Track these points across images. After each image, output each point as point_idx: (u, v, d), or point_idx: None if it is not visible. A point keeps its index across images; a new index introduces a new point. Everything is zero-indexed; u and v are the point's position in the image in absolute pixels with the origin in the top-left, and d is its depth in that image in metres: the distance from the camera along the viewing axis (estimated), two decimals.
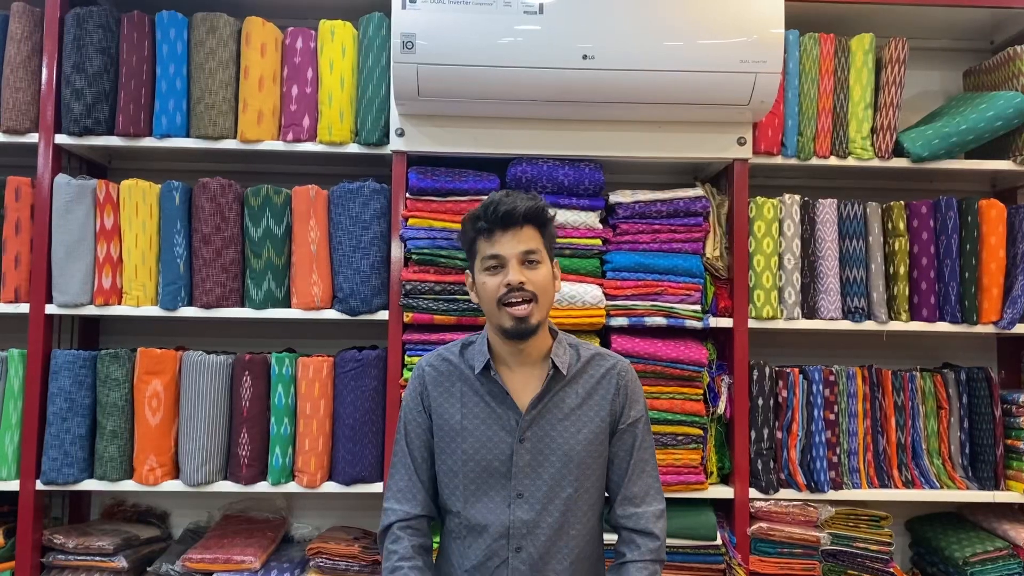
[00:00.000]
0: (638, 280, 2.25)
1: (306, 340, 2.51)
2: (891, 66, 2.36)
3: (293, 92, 2.29)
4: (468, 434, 1.58)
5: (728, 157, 2.30)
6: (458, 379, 1.62)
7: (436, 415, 1.62)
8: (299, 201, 2.26)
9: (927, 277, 2.35)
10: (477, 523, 1.56)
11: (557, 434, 1.58)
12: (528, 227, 1.54)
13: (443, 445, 1.61)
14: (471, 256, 1.60)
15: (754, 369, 2.31)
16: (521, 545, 1.55)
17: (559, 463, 1.56)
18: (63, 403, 2.17)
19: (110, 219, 2.24)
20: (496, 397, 1.59)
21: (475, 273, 1.59)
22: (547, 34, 2.01)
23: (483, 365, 1.59)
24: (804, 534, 2.23)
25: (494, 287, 1.52)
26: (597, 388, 1.62)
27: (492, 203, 1.53)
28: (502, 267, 1.53)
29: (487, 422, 1.58)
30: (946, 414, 2.40)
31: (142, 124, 2.26)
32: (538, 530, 1.55)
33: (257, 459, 2.22)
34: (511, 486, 1.56)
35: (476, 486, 1.57)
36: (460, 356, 1.65)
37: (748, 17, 2.05)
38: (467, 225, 1.59)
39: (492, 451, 1.57)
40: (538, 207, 1.55)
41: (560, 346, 1.62)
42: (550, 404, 1.59)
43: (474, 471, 1.57)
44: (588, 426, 1.59)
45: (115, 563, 2.20)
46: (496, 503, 1.57)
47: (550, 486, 1.56)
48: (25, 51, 2.25)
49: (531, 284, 1.52)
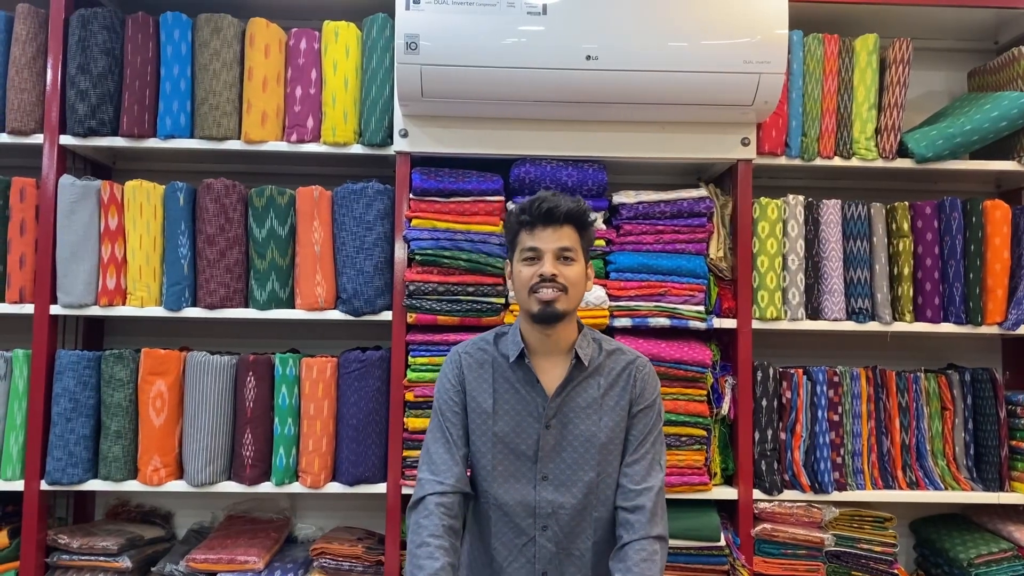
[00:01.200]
0: (642, 281, 2.25)
1: (310, 341, 2.52)
2: (895, 66, 2.36)
3: (297, 93, 2.29)
4: (499, 418, 1.68)
5: (732, 158, 2.30)
6: (491, 366, 1.71)
7: (470, 398, 1.70)
8: (303, 202, 2.27)
9: (931, 278, 2.34)
10: (505, 502, 1.66)
11: (580, 421, 1.67)
12: (568, 226, 1.63)
13: (475, 427, 1.69)
14: (512, 247, 1.69)
15: (758, 370, 2.30)
16: (547, 524, 1.65)
17: (581, 448, 1.66)
18: (67, 403, 2.18)
19: (114, 220, 2.24)
20: (526, 384, 1.68)
21: (514, 263, 1.68)
22: (551, 35, 2.02)
23: (517, 353, 1.68)
24: (808, 535, 2.23)
25: (528, 276, 1.62)
26: (618, 380, 1.70)
27: (538, 199, 1.63)
28: (538, 259, 1.62)
29: (516, 408, 1.68)
30: (950, 415, 2.39)
31: (146, 125, 2.26)
32: (562, 511, 1.65)
33: (261, 459, 2.22)
34: (537, 468, 1.66)
35: (504, 467, 1.67)
36: (494, 345, 1.74)
37: (752, 18, 2.05)
38: (512, 217, 1.68)
39: (520, 435, 1.67)
40: (580, 209, 1.65)
41: (584, 339, 1.71)
42: (573, 393, 1.68)
43: (503, 452, 1.67)
44: (609, 415, 1.68)
45: (119, 563, 2.20)
46: (523, 484, 1.66)
47: (573, 469, 1.66)
48: (30, 52, 2.25)
49: (563, 277, 1.61)
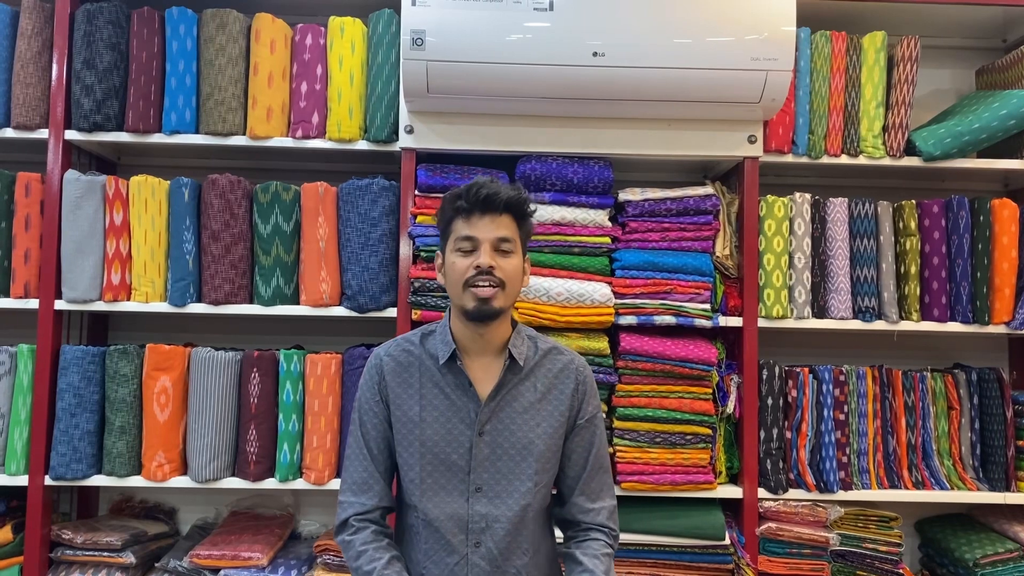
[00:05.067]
0: (647, 278, 2.25)
1: (314, 337, 2.51)
2: (903, 64, 2.34)
3: (302, 88, 2.29)
4: (427, 426, 1.54)
5: (738, 155, 2.29)
6: (417, 369, 1.58)
7: (394, 406, 1.57)
8: (308, 198, 2.26)
9: (938, 277, 2.33)
10: (434, 517, 1.53)
11: (516, 427, 1.55)
12: (507, 215, 1.52)
13: (400, 437, 1.57)
14: (445, 236, 1.56)
15: (764, 368, 2.29)
16: (480, 540, 1.52)
17: (518, 456, 1.54)
18: (72, 399, 2.18)
19: (119, 215, 2.24)
20: (456, 388, 1.56)
21: (446, 253, 1.55)
22: (557, 31, 2.01)
23: (448, 355, 1.55)
24: (813, 534, 2.22)
25: (463, 268, 1.50)
26: (555, 383, 1.59)
27: (475, 185, 1.51)
28: (475, 250, 1.50)
29: (446, 414, 1.55)
30: (957, 415, 2.38)
31: (151, 120, 2.26)
32: (497, 524, 1.52)
33: (265, 456, 2.22)
34: (470, 480, 1.53)
35: (433, 479, 1.54)
36: (420, 346, 1.60)
37: (759, 15, 2.04)
38: (446, 204, 1.55)
39: (451, 444, 1.54)
40: (520, 198, 1.54)
41: (519, 337, 1.59)
42: (508, 397, 1.56)
43: (432, 464, 1.54)
44: (547, 420, 1.56)
45: (123, 559, 2.21)
46: (454, 497, 1.53)
47: (509, 480, 1.54)
48: (36, 47, 2.25)
49: (500, 271, 1.49)
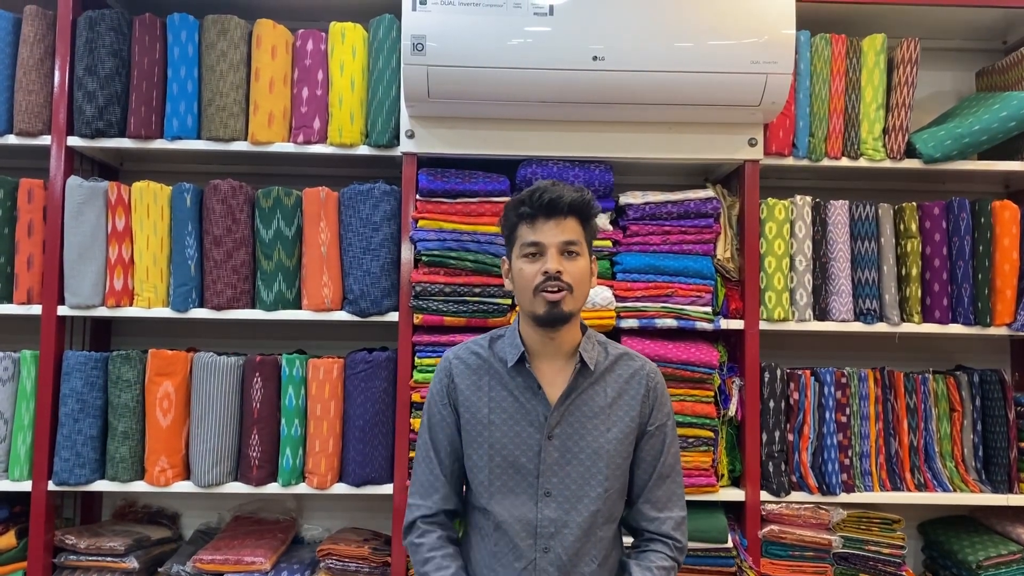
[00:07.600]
0: (648, 282, 2.25)
1: (316, 342, 2.52)
2: (903, 67, 2.35)
3: (304, 94, 2.29)
4: (495, 428, 1.55)
5: (739, 158, 2.29)
6: (486, 373, 1.59)
7: (463, 408, 1.58)
8: (310, 203, 2.27)
9: (940, 279, 2.33)
10: (504, 520, 1.52)
11: (587, 431, 1.54)
12: (571, 218, 1.51)
13: (469, 439, 1.57)
14: (510, 242, 1.56)
15: (765, 371, 2.30)
16: (549, 546, 1.51)
17: (588, 461, 1.53)
18: (75, 404, 2.18)
19: (122, 221, 2.25)
20: (526, 391, 1.56)
21: (512, 260, 1.55)
22: (557, 35, 2.01)
23: (517, 358, 1.55)
24: (816, 537, 2.22)
25: (531, 274, 1.49)
26: (627, 388, 1.59)
27: (538, 190, 1.50)
28: (541, 255, 1.50)
29: (515, 417, 1.55)
30: (959, 416, 2.38)
31: (153, 126, 2.27)
32: (566, 530, 1.51)
33: (267, 460, 2.23)
34: (539, 484, 1.52)
35: (502, 482, 1.54)
36: (489, 349, 1.61)
37: (759, 18, 2.04)
38: (510, 210, 1.55)
39: (520, 447, 1.53)
40: (584, 199, 1.53)
41: (589, 341, 1.59)
42: (578, 401, 1.56)
43: (500, 466, 1.54)
44: (618, 425, 1.56)
45: (126, 564, 2.21)
46: (523, 500, 1.52)
47: (579, 484, 1.52)
48: (38, 53, 2.26)
49: (568, 275, 1.48)
